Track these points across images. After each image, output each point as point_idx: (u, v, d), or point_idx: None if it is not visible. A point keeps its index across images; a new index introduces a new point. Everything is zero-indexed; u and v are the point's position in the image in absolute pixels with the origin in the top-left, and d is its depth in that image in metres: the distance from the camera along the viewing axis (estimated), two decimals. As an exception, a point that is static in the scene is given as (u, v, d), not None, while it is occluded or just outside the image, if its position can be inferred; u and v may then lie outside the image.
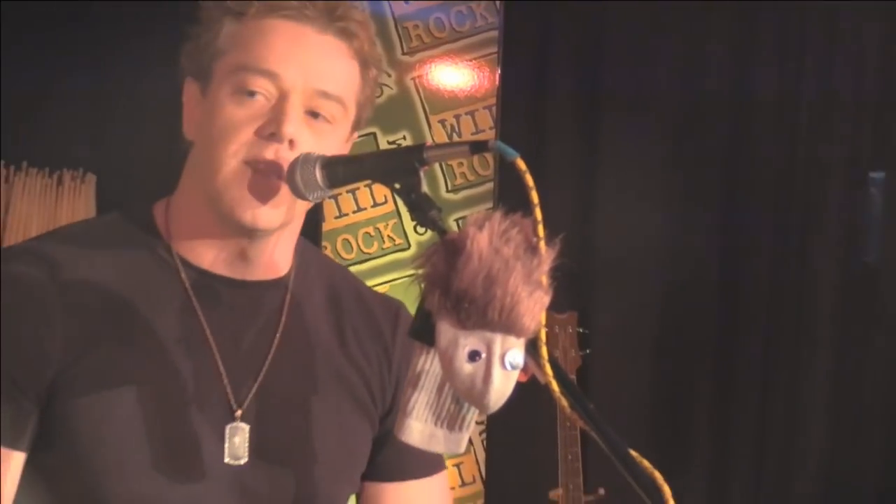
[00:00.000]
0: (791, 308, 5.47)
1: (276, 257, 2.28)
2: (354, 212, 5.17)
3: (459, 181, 5.22)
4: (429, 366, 1.88)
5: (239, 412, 2.22)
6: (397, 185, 1.97)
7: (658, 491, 1.81)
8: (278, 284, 2.31)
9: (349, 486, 2.41)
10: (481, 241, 1.80)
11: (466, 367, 1.80)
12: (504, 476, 5.41)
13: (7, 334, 2.12)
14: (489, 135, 5.20)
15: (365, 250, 5.17)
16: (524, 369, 1.83)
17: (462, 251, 1.79)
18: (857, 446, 5.43)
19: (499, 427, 5.28)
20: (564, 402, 1.86)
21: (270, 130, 2.12)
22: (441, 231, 1.89)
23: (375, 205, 5.17)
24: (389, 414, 2.29)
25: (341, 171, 2.07)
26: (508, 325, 1.79)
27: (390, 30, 5.21)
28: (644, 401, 5.57)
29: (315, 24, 2.18)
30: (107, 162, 5.82)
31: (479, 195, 5.24)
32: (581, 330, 4.86)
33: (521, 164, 1.89)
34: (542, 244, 1.83)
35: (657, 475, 1.82)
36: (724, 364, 5.56)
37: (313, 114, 2.17)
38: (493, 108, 5.25)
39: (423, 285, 1.83)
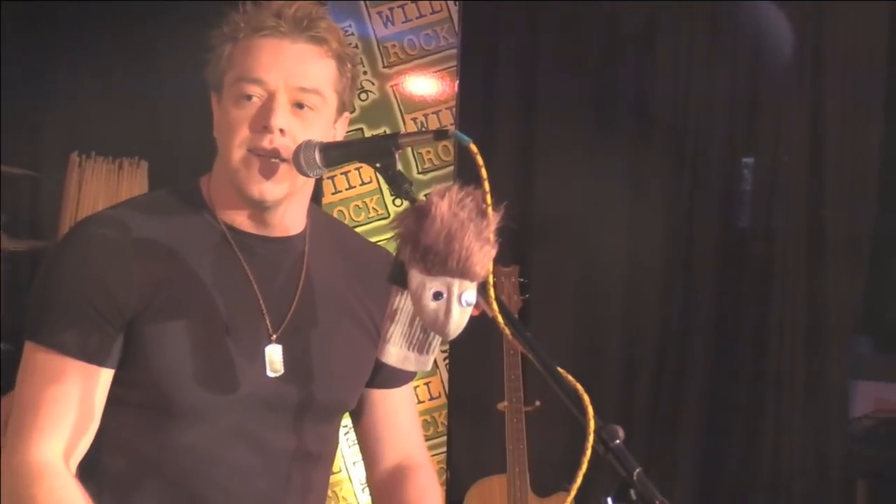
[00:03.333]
0: (680, 260, 5.50)
1: (291, 219, 2.31)
2: (346, 189, 5.17)
3: (427, 165, 5.21)
4: (403, 304, 1.90)
5: (274, 336, 2.25)
6: (378, 165, 2.01)
7: (580, 398, 1.81)
8: (297, 239, 2.34)
9: (356, 393, 2.46)
10: (443, 207, 1.82)
11: (432, 305, 1.82)
12: (463, 392, 5.41)
13: (96, 280, 2.16)
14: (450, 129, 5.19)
15: (355, 219, 5.17)
16: (476, 306, 1.85)
17: (428, 215, 1.82)
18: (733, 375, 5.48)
19: (459, 353, 5.28)
20: (507, 332, 1.86)
21: (262, 124, 2.16)
22: (412, 200, 1.92)
23: (363, 184, 5.16)
24: None
25: (334, 154, 2.10)
26: (464, 272, 1.81)
27: (374, 48, 5.19)
28: (570, 333, 5.59)
29: (289, 36, 2.20)
30: (157, 151, 5.80)
31: (442, 176, 5.22)
32: (522, 280, 4.86)
33: (474, 148, 1.92)
34: (490, 210, 1.85)
35: (579, 386, 1.83)
36: (631, 302, 5.60)
37: (299, 105, 2.19)
38: (453, 109, 5.24)
39: (398, 242, 1.85)
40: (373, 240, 2.73)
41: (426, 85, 5.23)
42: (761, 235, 5.44)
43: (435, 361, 5.06)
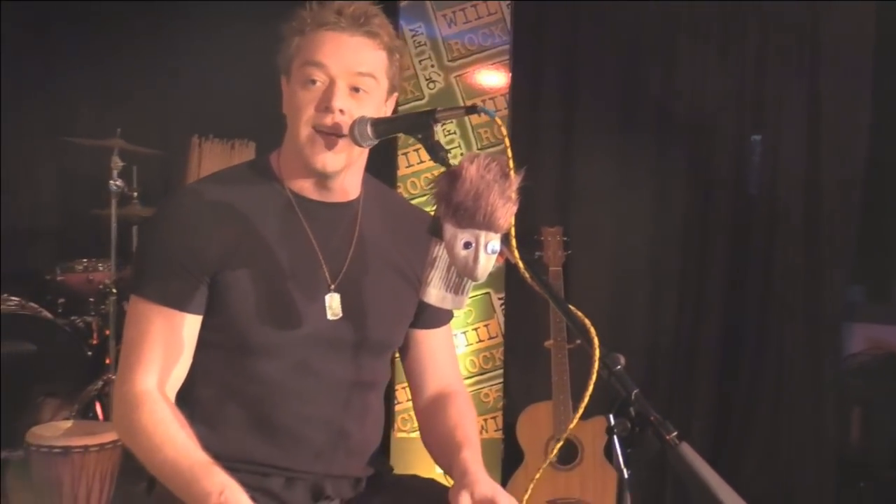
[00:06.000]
0: (698, 221, 5.44)
1: (347, 186, 2.33)
2: (418, 164, 5.14)
3: (485, 142, 5.17)
4: (440, 253, 1.89)
5: (333, 286, 2.26)
6: (420, 136, 2.01)
7: (587, 331, 1.80)
8: (352, 204, 2.35)
9: (401, 332, 2.47)
10: (471, 171, 1.83)
11: (462, 252, 1.83)
12: (516, 332, 5.39)
13: (181, 242, 2.20)
14: (505, 113, 5.18)
15: (424, 189, 5.16)
16: (500, 253, 1.85)
17: (459, 177, 1.83)
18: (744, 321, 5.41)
19: (513, 299, 5.26)
20: (527, 275, 1.85)
21: (325, 105, 2.18)
22: (447, 165, 1.92)
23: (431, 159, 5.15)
24: None
25: (383, 127, 2.12)
26: (489, 225, 1.81)
27: (439, 45, 5.16)
28: (605, 281, 5.57)
29: (347, 30, 2.22)
30: (263, 132, 5.79)
31: (498, 151, 5.12)
32: (565, 238, 4.83)
33: (499, 121, 1.94)
34: (513, 173, 1.85)
35: (587, 321, 1.82)
36: (656, 255, 5.54)
37: (355, 89, 2.20)
38: (507, 96, 5.20)
39: (434, 200, 1.86)
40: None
41: (483, 76, 5.20)
42: (767, 200, 5.35)
43: (493, 306, 5.08)
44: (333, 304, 2.26)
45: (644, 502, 4.95)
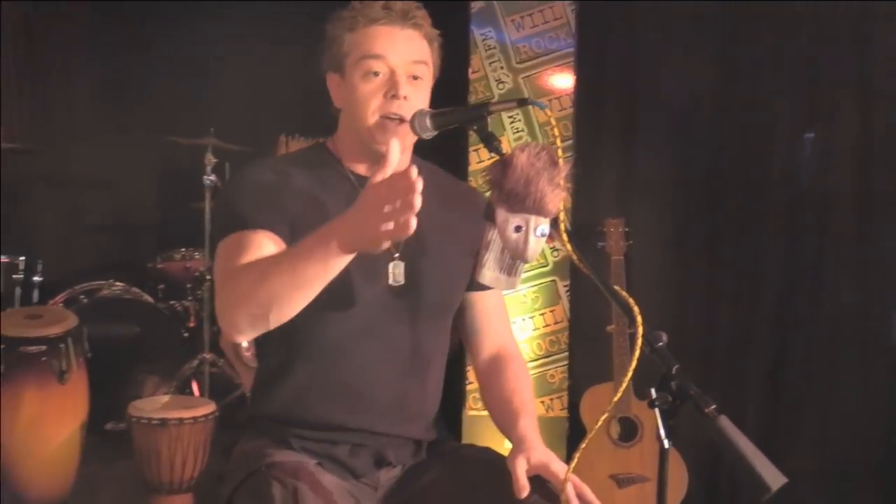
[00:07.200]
0: (753, 214, 5.32)
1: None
2: (488, 159, 5.09)
3: (550, 138, 5.11)
4: (494, 236, 1.92)
5: (397, 254, 2.28)
6: (475, 127, 2.02)
7: (631, 310, 1.79)
8: None
9: (458, 297, 2.49)
10: (522, 159, 1.83)
11: (514, 236, 1.84)
12: (581, 317, 5.36)
13: (260, 202, 2.21)
14: (569, 112, 5.16)
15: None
16: (549, 236, 1.85)
17: (510, 165, 1.85)
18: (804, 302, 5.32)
19: (577, 286, 5.25)
20: (575, 257, 1.84)
21: (392, 93, 2.23)
22: (500, 154, 1.93)
23: (501, 155, 5.12)
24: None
25: (440, 120, 2.13)
26: (539, 210, 1.82)
27: (508, 48, 5.16)
28: (664, 269, 5.49)
29: (398, 24, 2.27)
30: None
31: (564, 147, 5.14)
32: (627, 229, 4.80)
33: (549, 112, 1.96)
34: (561, 161, 1.85)
35: (631, 300, 1.81)
36: (712, 244, 5.43)
37: (414, 77, 2.26)
38: (571, 95, 5.19)
39: (488, 186, 1.88)
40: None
41: (550, 77, 5.19)
42: (819, 195, 5.24)
43: (559, 293, 5.05)
44: (397, 271, 2.28)
45: (698, 476, 4.90)
